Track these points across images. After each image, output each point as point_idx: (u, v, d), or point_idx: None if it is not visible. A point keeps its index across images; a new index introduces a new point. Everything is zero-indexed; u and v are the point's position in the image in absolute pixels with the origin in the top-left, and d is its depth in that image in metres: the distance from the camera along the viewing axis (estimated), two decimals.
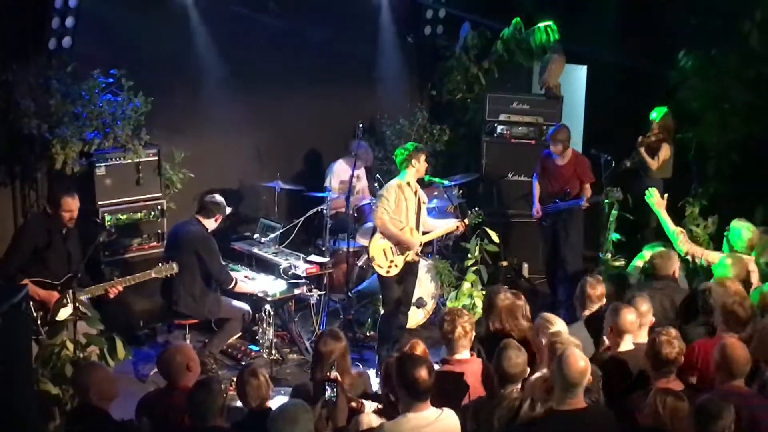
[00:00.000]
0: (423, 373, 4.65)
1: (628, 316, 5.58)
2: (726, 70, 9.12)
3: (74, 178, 7.81)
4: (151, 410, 5.27)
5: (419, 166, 7.66)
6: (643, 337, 5.63)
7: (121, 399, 5.40)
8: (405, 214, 7.65)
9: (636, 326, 5.64)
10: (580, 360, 4.67)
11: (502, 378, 4.96)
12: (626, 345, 5.59)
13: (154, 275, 7.15)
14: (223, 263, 7.75)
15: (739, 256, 6.83)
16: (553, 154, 8.85)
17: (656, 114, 9.24)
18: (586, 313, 6.25)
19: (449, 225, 8.13)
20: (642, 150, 9.18)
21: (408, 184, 7.68)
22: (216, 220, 7.63)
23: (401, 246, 7.66)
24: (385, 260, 7.71)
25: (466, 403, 5.18)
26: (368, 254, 7.81)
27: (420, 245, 7.78)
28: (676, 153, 9.27)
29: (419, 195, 7.78)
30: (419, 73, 11.00)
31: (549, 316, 5.69)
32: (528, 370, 5.07)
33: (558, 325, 5.58)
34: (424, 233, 7.91)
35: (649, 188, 7.72)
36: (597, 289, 6.28)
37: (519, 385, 4.99)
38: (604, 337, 5.73)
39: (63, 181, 7.69)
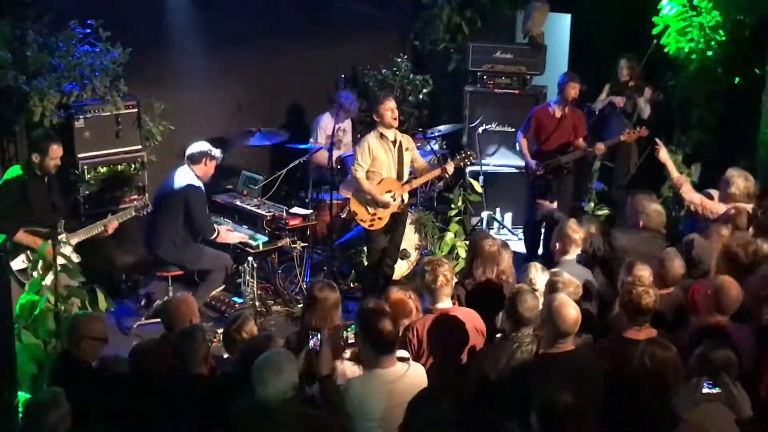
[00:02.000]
0: (387, 324, 4.62)
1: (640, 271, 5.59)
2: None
3: (53, 131, 7.70)
4: (145, 357, 5.28)
5: (382, 114, 7.57)
6: None
7: (105, 351, 5.42)
8: (384, 164, 7.65)
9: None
10: (572, 310, 4.71)
11: (518, 322, 4.91)
12: None
13: (134, 213, 7.35)
14: (208, 214, 7.74)
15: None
16: (551, 106, 8.55)
17: (623, 62, 9.38)
18: (567, 258, 6.23)
19: (433, 171, 8.05)
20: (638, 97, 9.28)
21: (381, 135, 7.64)
22: (205, 164, 7.60)
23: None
24: (367, 214, 7.72)
25: (479, 349, 5.22)
26: (350, 209, 7.79)
27: (402, 196, 7.75)
28: (661, 100, 9.32)
29: (401, 142, 7.73)
30: (401, 22, 10.87)
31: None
32: None
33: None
34: (416, 178, 7.90)
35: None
36: (578, 233, 6.26)
37: (532, 329, 4.97)
38: None
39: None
